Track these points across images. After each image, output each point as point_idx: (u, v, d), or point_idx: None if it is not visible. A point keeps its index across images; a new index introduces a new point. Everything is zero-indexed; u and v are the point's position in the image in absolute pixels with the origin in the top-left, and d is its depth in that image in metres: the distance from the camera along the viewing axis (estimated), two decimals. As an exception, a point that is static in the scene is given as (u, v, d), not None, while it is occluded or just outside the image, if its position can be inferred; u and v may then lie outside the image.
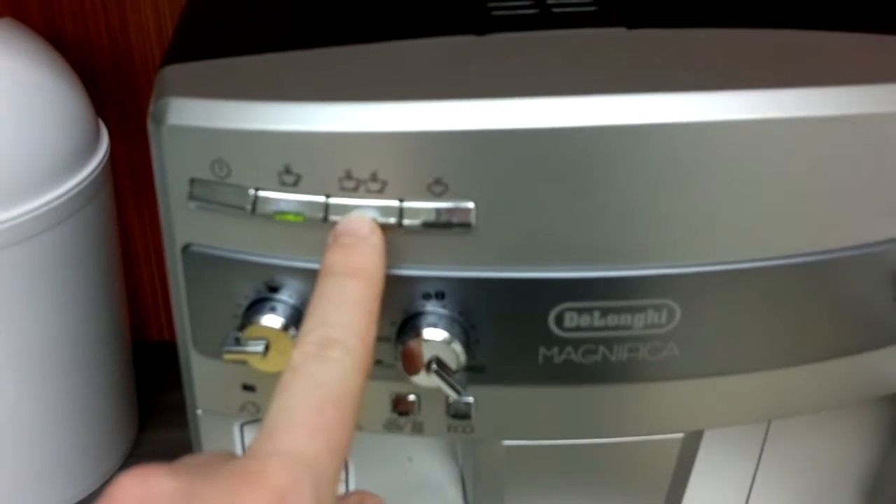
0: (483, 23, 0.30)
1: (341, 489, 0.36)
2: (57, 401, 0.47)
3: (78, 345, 0.48)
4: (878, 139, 0.27)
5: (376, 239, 0.25)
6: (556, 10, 0.31)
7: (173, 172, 0.27)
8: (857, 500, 0.38)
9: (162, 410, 0.58)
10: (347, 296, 0.23)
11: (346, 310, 0.23)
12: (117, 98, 0.57)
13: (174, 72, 0.27)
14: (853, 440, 0.37)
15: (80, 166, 0.45)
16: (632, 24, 0.30)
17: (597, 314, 0.27)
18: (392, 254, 0.27)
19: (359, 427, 0.30)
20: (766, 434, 0.35)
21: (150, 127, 0.27)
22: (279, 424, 0.20)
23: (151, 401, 0.58)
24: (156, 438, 0.57)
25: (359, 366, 0.22)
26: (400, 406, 0.29)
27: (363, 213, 0.25)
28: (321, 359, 0.22)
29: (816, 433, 0.36)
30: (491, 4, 0.31)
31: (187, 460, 0.21)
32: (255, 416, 0.30)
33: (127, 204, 0.60)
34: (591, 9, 0.31)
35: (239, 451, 0.33)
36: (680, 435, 0.31)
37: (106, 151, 0.48)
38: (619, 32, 0.29)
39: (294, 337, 0.27)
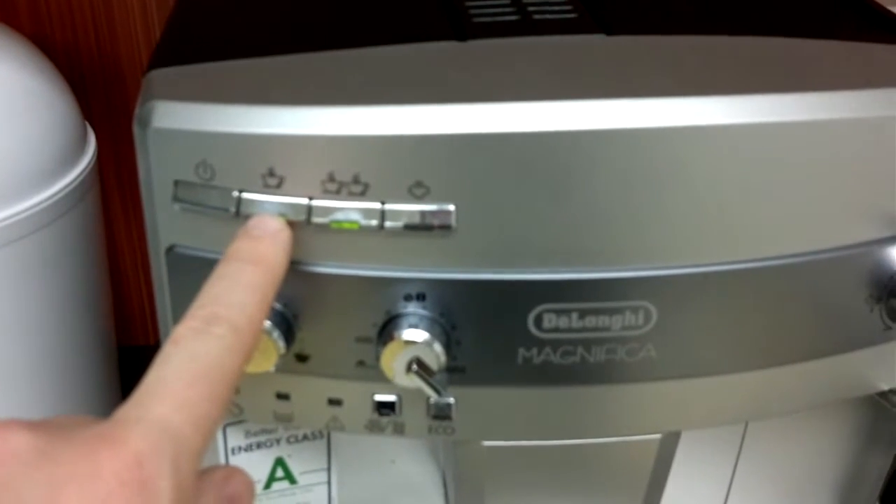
0: (465, 29, 0.30)
1: (324, 491, 0.36)
2: (40, 404, 0.47)
3: (63, 348, 0.48)
4: (851, 144, 0.27)
5: (284, 236, 0.25)
6: (536, 16, 0.31)
7: (158, 174, 0.27)
8: (833, 499, 0.38)
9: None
10: (245, 279, 0.24)
11: (239, 290, 0.23)
12: (105, 101, 0.57)
13: (160, 76, 0.28)
14: (829, 441, 0.37)
15: (67, 169, 0.46)
16: (610, 30, 0.30)
17: (575, 315, 0.28)
18: (374, 255, 0.27)
19: (341, 428, 0.30)
20: (744, 435, 0.36)
21: (136, 129, 0.27)
22: (149, 393, 0.20)
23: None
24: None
25: (241, 346, 0.22)
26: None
27: (275, 215, 0.26)
28: (204, 334, 0.22)
29: (793, 434, 0.36)
30: (473, 11, 0.32)
31: (54, 420, 0.21)
32: (238, 417, 0.31)
33: (113, 207, 0.60)
34: (571, 16, 0.31)
35: (222, 454, 0.33)
36: (658, 436, 0.31)
37: (93, 155, 0.48)
38: (598, 39, 0.30)
39: (276, 339, 0.27)
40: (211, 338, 0.22)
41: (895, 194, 0.29)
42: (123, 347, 0.60)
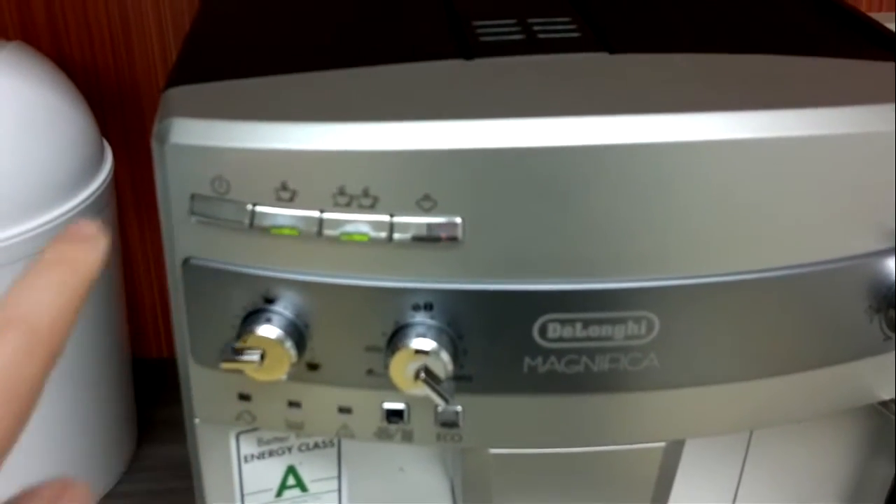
0: (471, 48, 0.31)
1: (334, 499, 0.37)
2: (56, 415, 0.48)
3: (78, 361, 0.49)
4: (849, 158, 0.28)
5: (100, 242, 0.23)
6: (541, 35, 0.32)
7: (175, 189, 0.28)
8: (837, 509, 0.39)
9: (160, 426, 0.59)
10: (52, 279, 0.22)
11: (44, 292, 0.21)
12: (121, 119, 0.58)
13: (177, 93, 0.29)
14: (834, 449, 0.38)
15: (85, 184, 0.47)
16: (613, 49, 0.31)
17: (579, 325, 0.28)
18: (383, 267, 0.28)
19: (351, 435, 0.31)
20: (749, 443, 0.36)
21: (154, 145, 0.28)
22: None
23: (150, 416, 0.59)
24: (154, 454, 0.58)
25: (39, 351, 0.21)
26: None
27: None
28: None
29: (798, 442, 0.37)
30: (479, 31, 0.33)
31: None
32: (251, 424, 0.31)
33: (129, 222, 0.62)
34: (575, 35, 0.32)
35: (235, 462, 0.34)
36: (662, 444, 0.32)
37: (110, 170, 0.49)
38: (600, 57, 0.31)
39: (288, 348, 0.28)
40: (3, 342, 0.20)
41: (892, 206, 0.29)
42: (137, 359, 0.61)
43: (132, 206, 0.61)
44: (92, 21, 0.55)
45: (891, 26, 0.35)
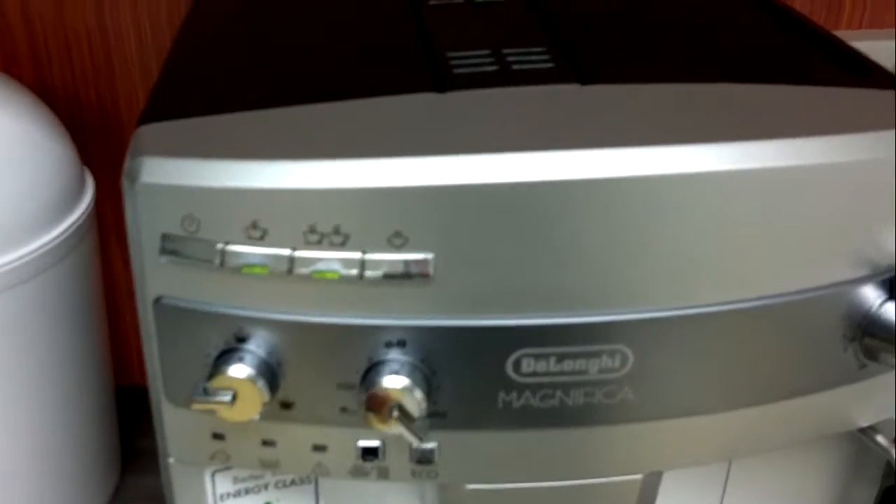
0: (444, 80, 0.31)
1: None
2: (38, 446, 0.48)
3: (60, 391, 0.48)
4: (822, 188, 0.28)
5: None
6: (515, 66, 0.32)
7: (146, 228, 0.28)
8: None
9: (144, 456, 0.58)
10: None
11: None
12: (104, 148, 0.58)
13: (148, 131, 0.29)
14: (814, 476, 0.37)
15: (66, 215, 0.47)
16: (585, 80, 0.31)
17: (553, 360, 0.28)
18: (355, 304, 0.28)
19: (326, 473, 0.31)
20: (728, 472, 0.36)
21: (125, 184, 0.28)
22: None
23: (134, 446, 0.59)
24: (138, 483, 0.58)
25: None
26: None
27: None
28: None
29: (778, 469, 0.37)
30: (453, 62, 0.33)
31: None
32: (225, 463, 0.31)
33: (112, 249, 0.61)
34: (548, 66, 0.32)
35: (210, 501, 0.34)
36: (639, 476, 0.31)
37: (91, 200, 0.49)
38: (573, 88, 0.31)
39: (261, 387, 0.28)
40: None
41: (866, 235, 0.29)
42: (122, 388, 0.60)
43: (115, 234, 0.61)
44: (74, 51, 0.55)
45: (882, 44, 0.35)
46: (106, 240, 0.61)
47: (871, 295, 0.30)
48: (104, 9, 0.54)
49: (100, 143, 0.58)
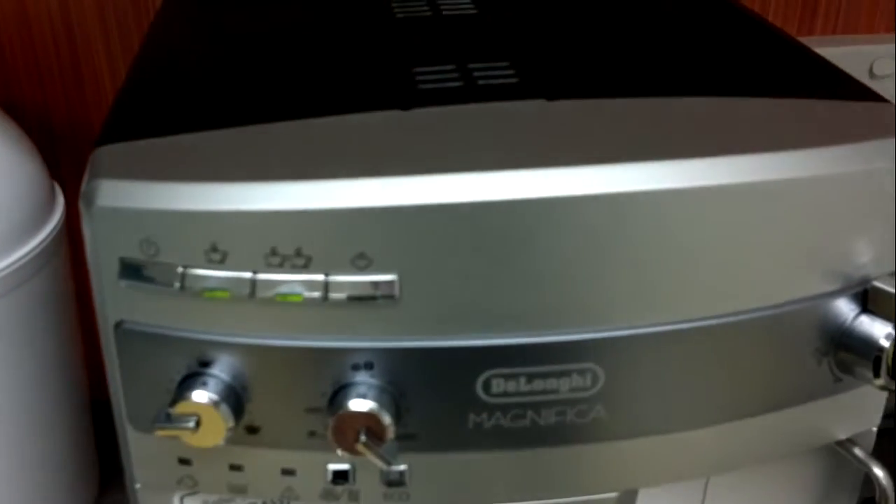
0: (409, 97, 0.31)
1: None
2: (12, 463, 0.47)
3: (35, 405, 0.47)
4: (793, 202, 0.28)
5: None
6: (481, 82, 0.32)
7: (104, 251, 0.27)
8: (799, 550, 0.38)
9: (122, 472, 0.58)
10: None
11: None
12: (76, 162, 0.57)
13: (104, 153, 0.28)
14: (793, 489, 0.37)
15: (36, 231, 0.46)
16: (551, 95, 0.31)
17: (523, 380, 0.28)
18: (319, 326, 0.27)
19: (296, 498, 0.30)
20: (706, 487, 0.36)
21: (82, 207, 0.27)
22: None
23: (112, 462, 0.58)
24: (119, 500, 0.57)
25: None
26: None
27: None
28: None
29: (756, 483, 0.36)
30: (419, 77, 0.32)
31: None
32: (193, 489, 0.31)
33: (86, 263, 0.61)
34: (513, 80, 0.32)
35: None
36: (614, 494, 0.31)
37: (61, 217, 0.48)
38: (538, 104, 0.30)
39: (223, 413, 0.27)
40: None
41: (838, 248, 0.29)
42: (97, 401, 0.59)
43: (89, 247, 0.60)
44: (42, 61, 0.54)
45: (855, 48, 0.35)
46: (81, 256, 0.60)
47: (845, 308, 0.30)
48: (71, 19, 0.53)
49: (71, 157, 0.57)
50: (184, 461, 0.30)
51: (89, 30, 0.53)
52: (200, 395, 0.27)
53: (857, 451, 0.34)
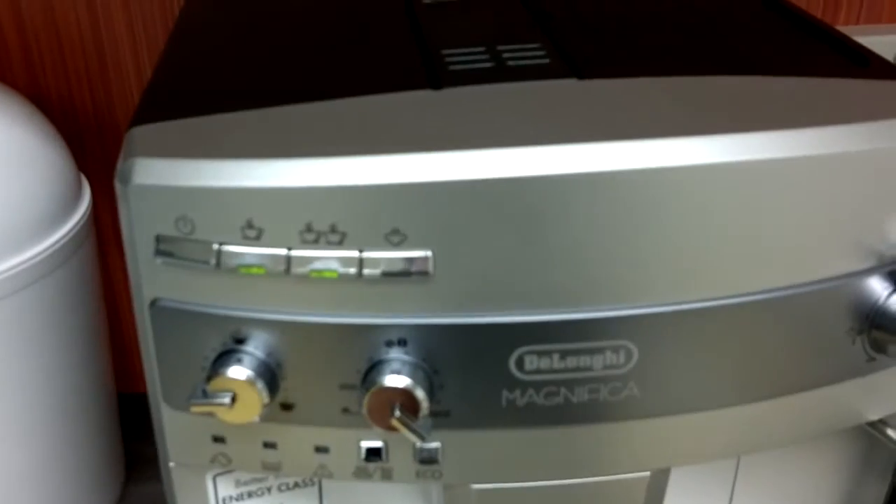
0: (440, 77, 0.31)
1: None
2: (40, 454, 0.48)
3: (61, 398, 0.48)
4: (827, 179, 0.28)
5: None
6: (510, 63, 0.32)
7: (140, 229, 0.27)
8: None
9: (149, 463, 0.58)
10: None
11: None
12: (101, 153, 0.58)
13: (140, 133, 0.28)
14: (824, 471, 0.37)
15: (63, 222, 0.46)
16: (582, 75, 0.31)
17: (556, 357, 0.28)
18: (354, 303, 0.27)
19: (329, 475, 0.30)
20: (738, 467, 0.35)
21: (118, 186, 0.27)
22: None
23: (138, 452, 0.58)
24: (142, 491, 0.57)
25: None
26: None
27: None
28: None
29: (788, 465, 0.36)
30: (448, 59, 0.33)
31: None
32: (226, 467, 0.31)
33: (112, 256, 0.61)
34: (544, 61, 0.32)
35: (213, 503, 0.33)
36: (647, 473, 0.31)
37: (88, 206, 0.49)
38: (570, 83, 0.30)
39: (260, 389, 0.27)
40: None
41: (872, 226, 0.29)
42: (126, 395, 0.60)
43: (114, 239, 0.60)
44: (68, 56, 0.55)
45: (879, 38, 0.35)
46: (106, 248, 0.60)
47: (879, 287, 0.29)
48: (97, 12, 0.54)
49: (97, 149, 0.58)
50: (218, 439, 0.30)
51: (115, 25, 0.54)
52: (236, 372, 0.27)
53: (890, 432, 0.33)
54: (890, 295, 0.30)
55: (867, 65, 0.33)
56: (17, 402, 0.45)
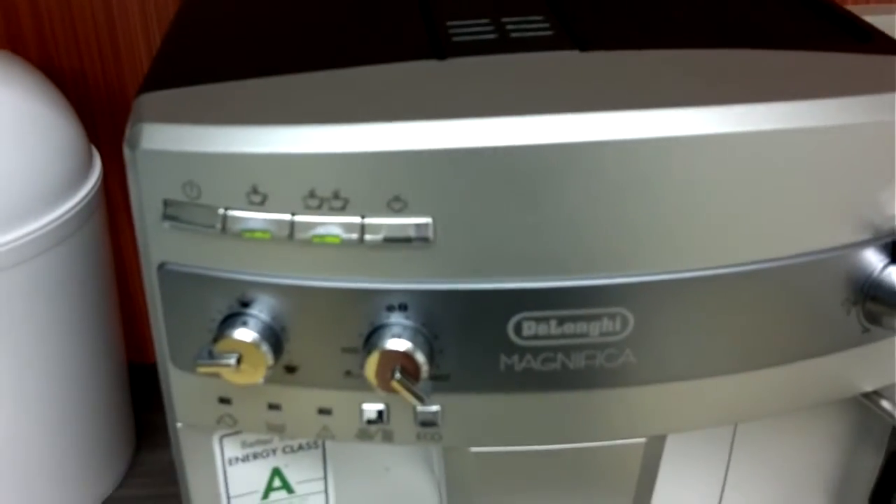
0: (444, 48, 0.31)
1: (321, 500, 0.37)
2: (51, 422, 0.49)
3: (72, 366, 0.49)
4: (824, 150, 0.28)
5: None
6: (514, 34, 0.32)
7: (147, 194, 0.28)
8: (825, 500, 0.38)
9: (159, 431, 0.59)
10: None
11: None
12: (111, 124, 0.58)
13: (148, 100, 0.29)
14: (820, 442, 0.37)
15: (74, 191, 0.47)
16: (584, 46, 0.31)
17: (553, 323, 0.28)
18: (356, 268, 0.28)
19: (331, 437, 0.31)
20: (734, 436, 0.36)
21: (126, 151, 0.28)
22: None
23: (148, 421, 0.59)
24: (152, 459, 0.58)
25: None
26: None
27: None
28: None
29: (784, 435, 0.37)
30: (452, 31, 0.33)
31: None
32: (232, 428, 0.32)
33: (122, 227, 0.62)
34: (548, 33, 0.32)
35: (219, 465, 0.34)
36: (643, 439, 0.32)
37: (99, 177, 0.49)
38: (572, 55, 0.31)
39: (265, 351, 0.28)
40: None
41: (867, 198, 0.29)
42: (136, 365, 0.61)
43: (124, 210, 0.61)
44: (79, 28, 0.55)
45: (886, 18, 0.35)
46: (116, 221, 0.61)
47: (874, 259, 0.30)
48: (109, -14, 0.54)
49: (107, 122, 0.58)
50: (224, 400, 0.31)
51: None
52: (242, 334, 0.28)
53: (885, 404, 0.34)
54: (885, 267, 0.30)
55: (868, 39, 0.33)
56: (27, 370, 0.46)
